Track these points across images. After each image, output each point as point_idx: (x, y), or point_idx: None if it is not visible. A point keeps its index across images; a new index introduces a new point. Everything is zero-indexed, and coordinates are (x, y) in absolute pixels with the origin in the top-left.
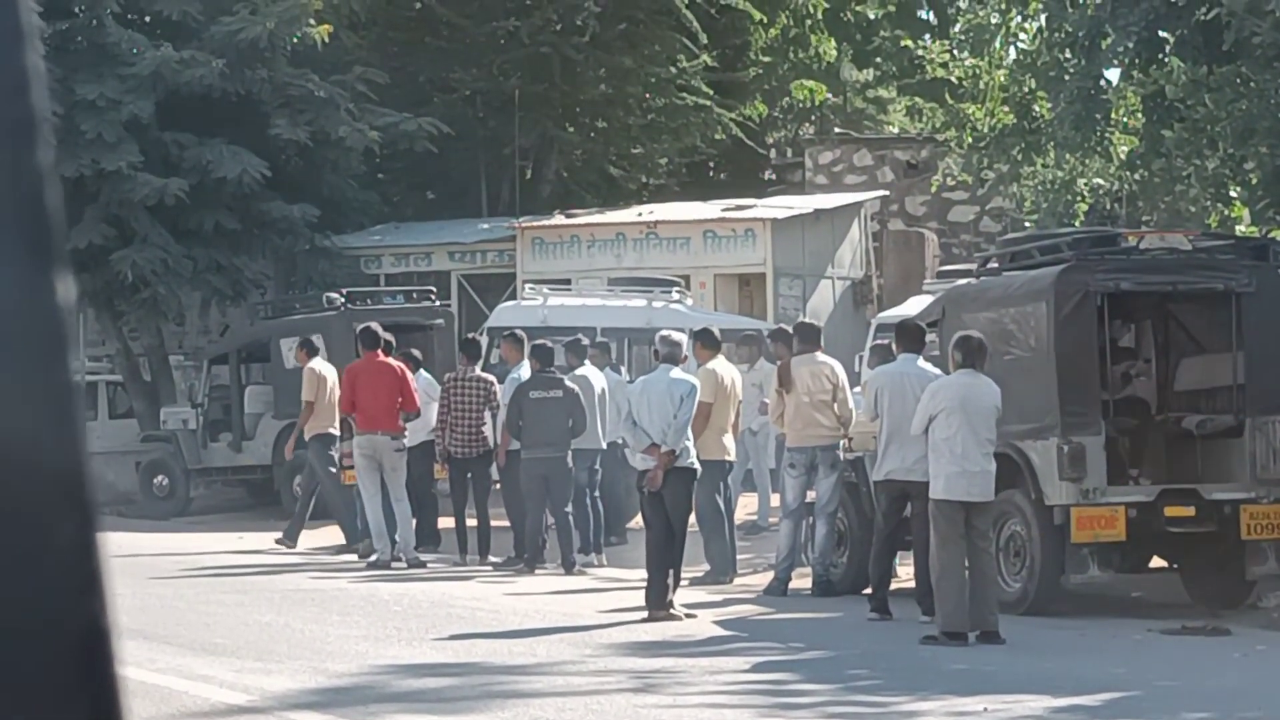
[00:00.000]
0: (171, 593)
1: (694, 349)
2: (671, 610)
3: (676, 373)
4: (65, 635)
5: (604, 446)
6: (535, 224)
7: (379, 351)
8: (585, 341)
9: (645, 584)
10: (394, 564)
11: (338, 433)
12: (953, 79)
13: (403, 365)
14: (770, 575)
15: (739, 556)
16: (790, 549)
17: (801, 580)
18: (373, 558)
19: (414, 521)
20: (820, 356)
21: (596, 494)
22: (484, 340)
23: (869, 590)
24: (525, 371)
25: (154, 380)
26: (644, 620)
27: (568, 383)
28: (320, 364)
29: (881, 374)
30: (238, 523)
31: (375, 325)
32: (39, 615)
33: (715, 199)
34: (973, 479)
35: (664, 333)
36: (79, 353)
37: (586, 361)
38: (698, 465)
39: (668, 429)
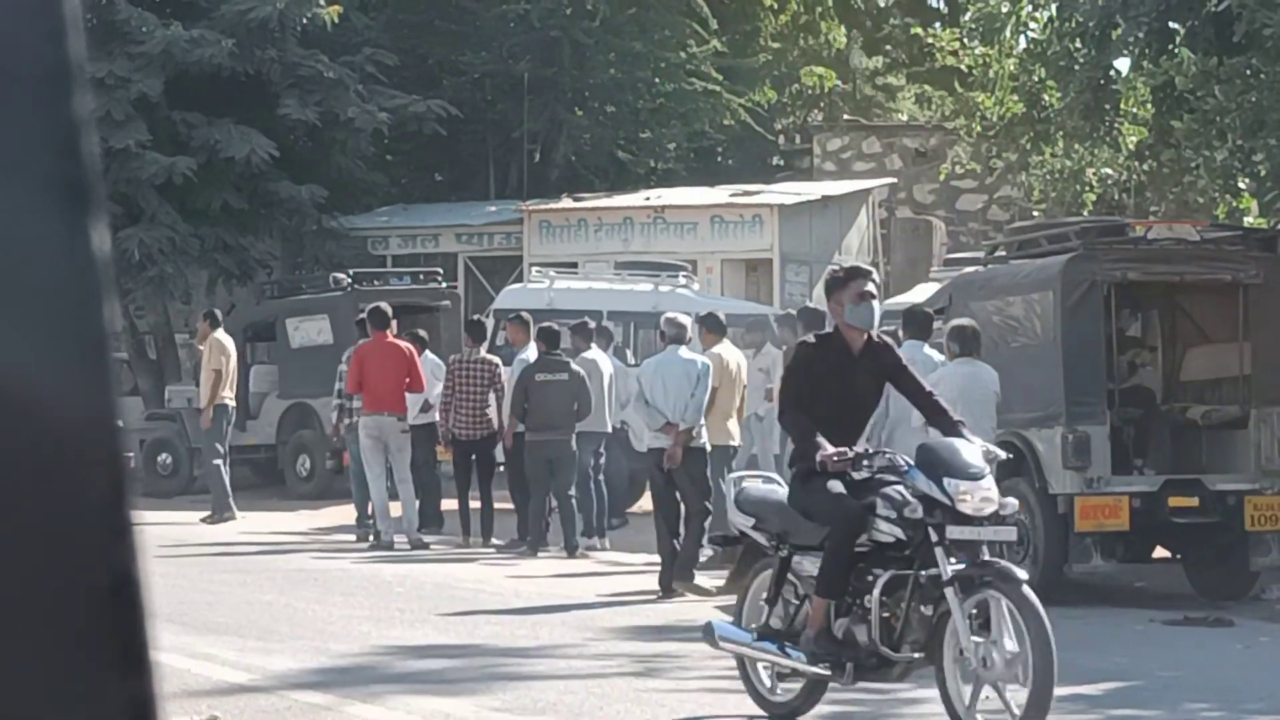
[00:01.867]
0: (174, 571)
1: (699, 334)
2: (695, 582)
3: (686, 352)
4: (97, 581)
5: (610, 430)
6: (542, 207)
7: (387, 332)
8: (591, 325)
9: (659, 566)
10: (397, 544)
11: (234, 404)
12: (962, 67)
13: (411, 346)
14: None
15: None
16: None
17: None
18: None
19: (417, 503)
20: None
21: (601, 478)
22: (490, 322)
23: None
24: (531, 354)
25: (159, 358)
26: (656, 600)
27: (573, 366)
28: (223, 335)
29: None
30: (242, 502)
31: (384, 305)
32: (72, 561)
33: (723, 184)
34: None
35: (669, 315)
36: (113, 303)
37: (593, 345)
38: (709, 445)
39: (685, 408)
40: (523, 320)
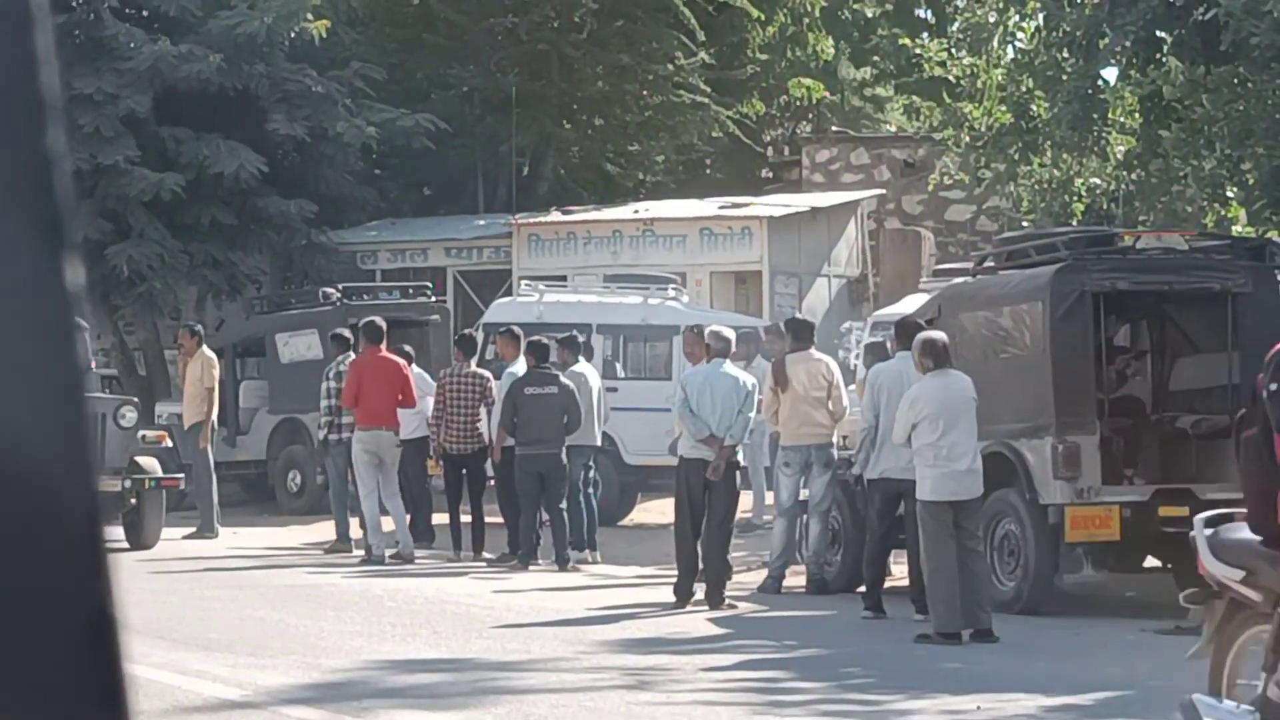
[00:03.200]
0: (165, 587)
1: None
2: (727, 602)
3: (733, 368)
4: (72, 619)
5: (599, 443)
6: (532, 221)
7: (381, 346)
8: (581, 339)
9: (676, 576)
10: (387, 558)
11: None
12: (950, 78)
13: (403, 361)
14: (764, 573)
15: (734, 555)
16: (785, 547)
17: (796, 578)
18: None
19: (408, 517)
20: (815, 354)
21: (591, 490)
22: (479, 336)
23: (863, 589)
24: (520, 368)
25: (149, 375)
26: (672, 612)
27: (563, 379)
28: (210, 351)
29: (881, 371)
30: (233, 518)
31: (378, 319)
32: (46, 599)
33: (712, 197)
34: (960, 479)
35: (714, 328)
36: (88, 339)
37: (580, 358)
38: (743, 461)
39: (732, 423)
40: (513, 334)
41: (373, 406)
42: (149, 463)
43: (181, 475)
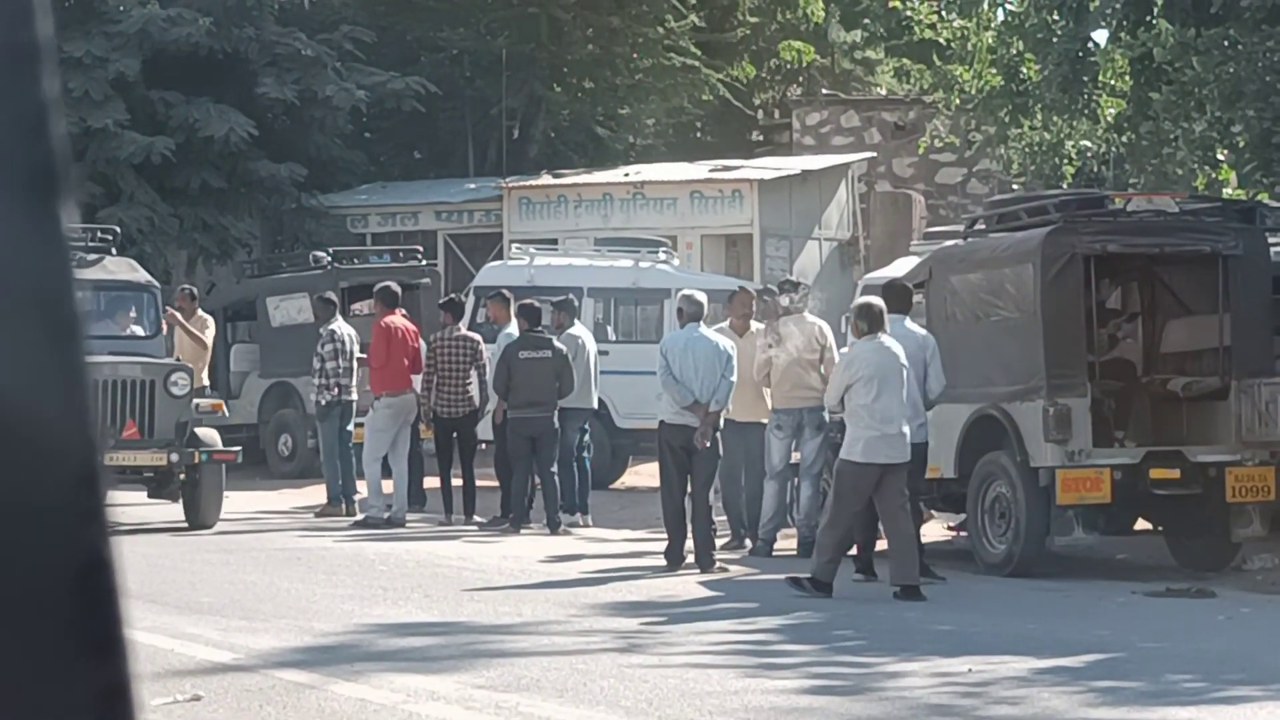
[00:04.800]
0: (157, 551)
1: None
2: (719, 565)
3: (707, 331)
4: (66, 566)
5: (595, 407)
6: (522, 184)
7: (397, 310)
8: (576, 301)
9: (666, 540)
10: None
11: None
12: (941, 40)
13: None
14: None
15: (722, 518)
16: (776, 510)
17: (787, 541)
18: (361, 516)
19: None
20: (809, 316)
21: (585, 454)
22: (470, 300)
23: (854, 552)
24: (514, 331)
25: None
26: (663, 575)
27: (556, 343)
28: (204, 313)
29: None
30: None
31: (393, 284)
32: (40, 545)
33: (702, 160)
34: (891, 442)
35: (686, 292)
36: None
37: (577, 321)
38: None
39: (716, 387)
40: (504, 298)
41: (399, 370)
42: (207, 434)
43: (239, 449)
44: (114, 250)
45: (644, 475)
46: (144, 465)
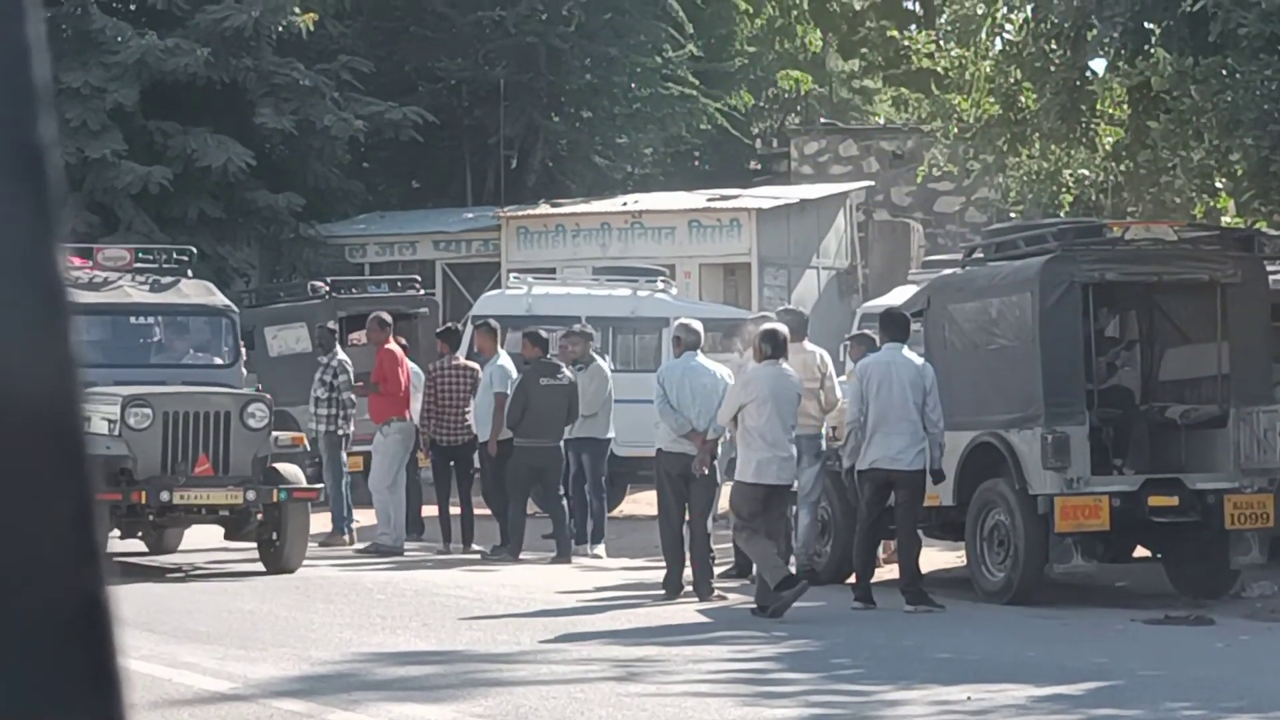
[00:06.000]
0: (154, 580)
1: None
2: (716, 593)
3: (704, 360)
4: (62, 606)
5: (613, 435)
6: (520, 213)
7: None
8: (591, 330)
9: (665, 567)
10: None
11: None
12: (938, 69)
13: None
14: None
15: (720, 545)
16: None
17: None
18: (367, 544)
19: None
20: (808, 345)
21: (602, 483)
22: (467, 329)
23: (852, 579)
24: (506, 361)
25: None
26: (661, 603)
27: (566, 371)
28: None
29: (871, 363)
30: None
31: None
32: (35, 586)
33: (700, 189)
34: (782, 464)
35: (683, 321)
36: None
37: (593, 352)
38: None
39: (714, 416)
40: (490, 328)
41: (406, 395)
42: (288, 470)
43: (321, 485)
44: (189, 272)
45: (642, 503)
46: (219, 504)
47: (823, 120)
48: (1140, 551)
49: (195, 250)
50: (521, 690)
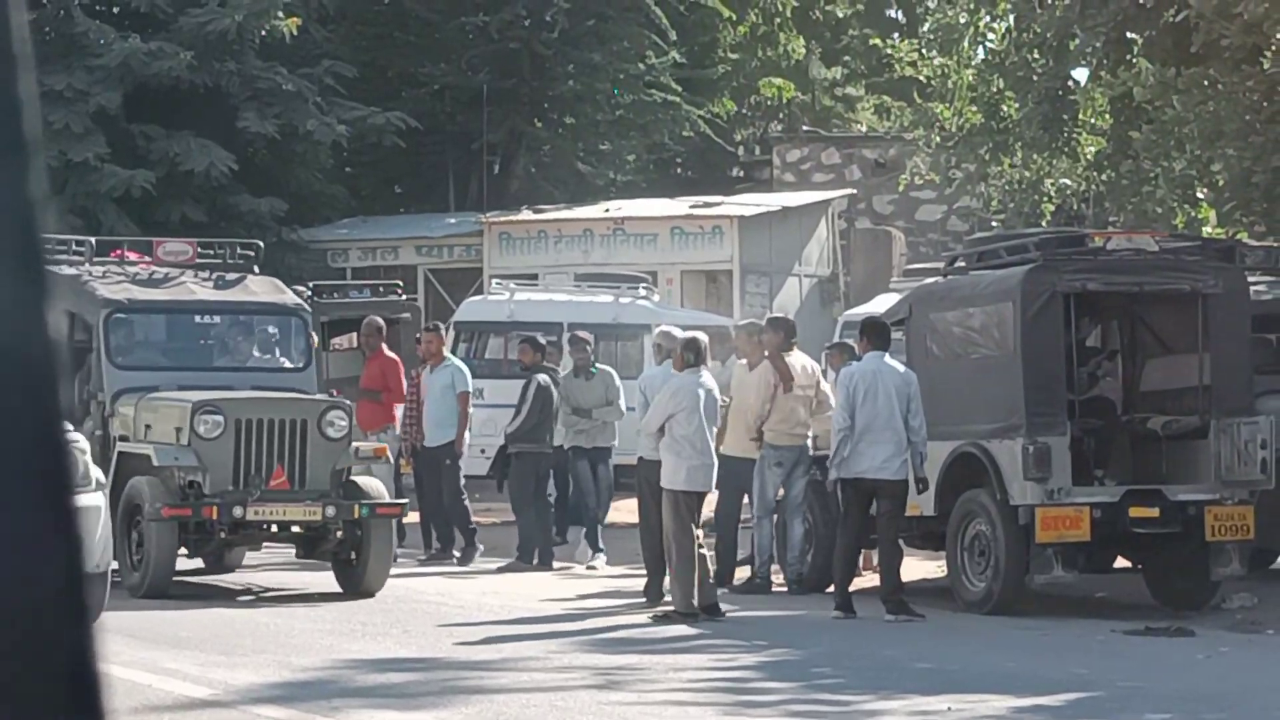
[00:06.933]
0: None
1: (654, 351)
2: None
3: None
4: (52, 667)
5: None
6: (503, 219)
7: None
8: (551, 338)
9: (646, 576)
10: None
11: None
12: (921, 78)
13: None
14: (739, 572)
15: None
16: (772, 547)
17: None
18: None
19: None
20: (799, 353)
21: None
22: (450, 334)
23: (833, 588)
24: (459, 363)
25: None
26: (646, 610)
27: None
28: None
29: (856, 371)
30: None
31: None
32: (25, 647)
33: (683, 196)
34: (707, 472)
35: (664, 328)
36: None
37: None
38: None
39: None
40: (440, 331)
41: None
42: (370, 484)
43: (405, 501)
44: (256, 269)
45: (624, 511)
46: (293, 520)
47: (805, 128)
48: (1121, 562)
49: (261, 245)
50: (503, 698)
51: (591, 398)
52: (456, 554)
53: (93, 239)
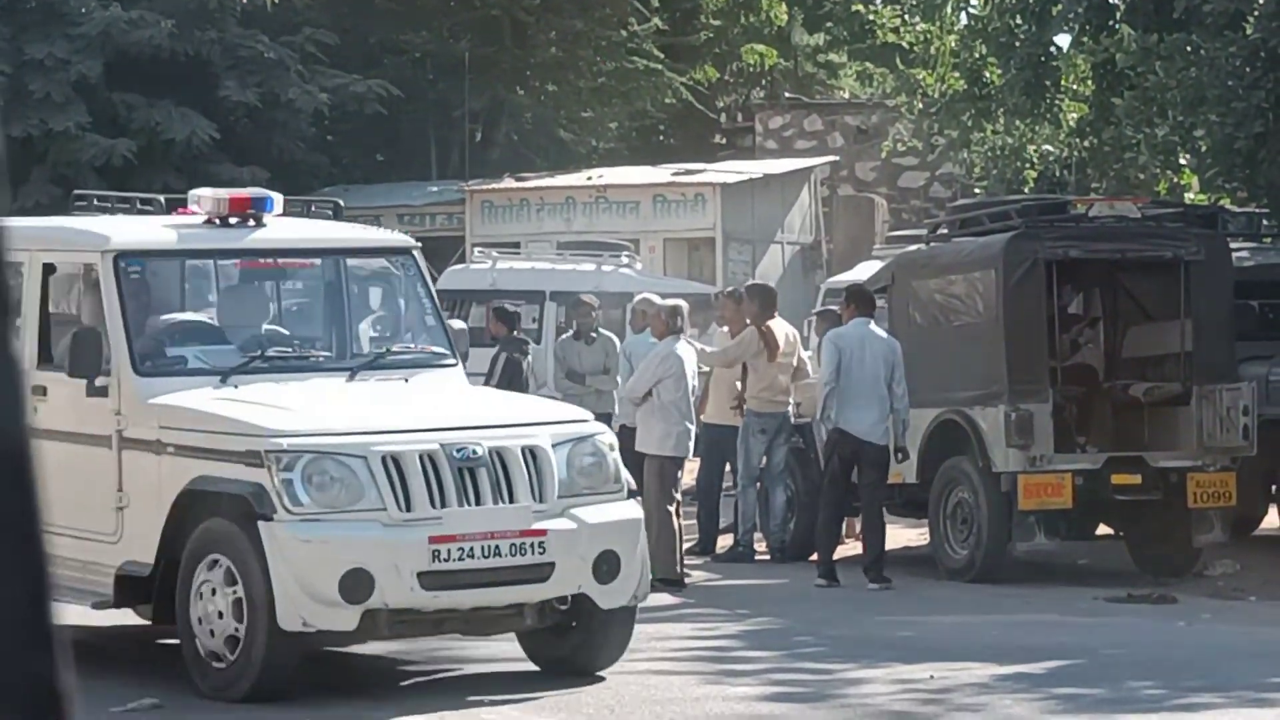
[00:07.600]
0: None
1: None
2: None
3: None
4: (15, 697)
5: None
6: (485, 187)
7: None
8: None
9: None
10: None
11: None
12: (903, 44)
13: None
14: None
15: (686, 522)
16: (755, 515)
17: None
18: None
19: None
20: (780, 320)
21: None
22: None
23: (815, 556)
24: None
25: None
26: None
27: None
28: None
29: (841, 336)
30: None
31: None
32: None
33: (665, 163)
34: (690, 437)
35: (644, 296)
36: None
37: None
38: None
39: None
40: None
41: None
42: None
43: None
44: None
45: None
46: None
47: (787, 95)
48: (1103, 530)
49: (340, 203)
50: (483, 665)
51: (589, 362)
52: None
53: (161, 196)
